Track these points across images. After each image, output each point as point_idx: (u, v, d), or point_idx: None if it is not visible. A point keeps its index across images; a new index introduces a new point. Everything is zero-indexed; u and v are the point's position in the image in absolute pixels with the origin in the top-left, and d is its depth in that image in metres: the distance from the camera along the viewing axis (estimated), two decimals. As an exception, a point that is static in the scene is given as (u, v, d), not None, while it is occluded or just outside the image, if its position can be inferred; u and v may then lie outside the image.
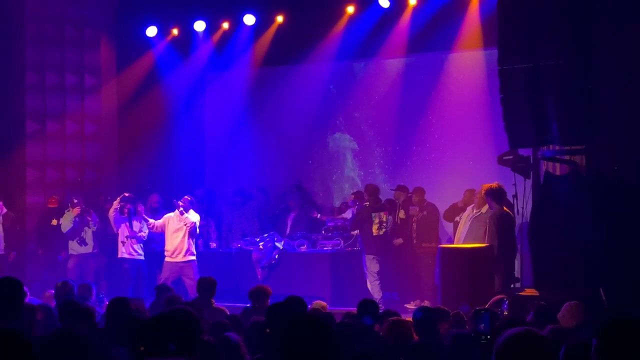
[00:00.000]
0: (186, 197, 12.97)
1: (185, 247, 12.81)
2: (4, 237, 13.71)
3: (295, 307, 6.36)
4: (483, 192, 11.13)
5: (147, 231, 13.36)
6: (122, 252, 13.32)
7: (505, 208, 10.87)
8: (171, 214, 12.94)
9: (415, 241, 13.21)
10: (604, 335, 3.19)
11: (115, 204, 13.26)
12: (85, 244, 13.70)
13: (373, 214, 12.98)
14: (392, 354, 5.49)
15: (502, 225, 10.64)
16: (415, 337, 6.26)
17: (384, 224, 13.00)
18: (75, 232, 13.64)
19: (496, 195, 10.82)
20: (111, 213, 13.28)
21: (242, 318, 7.51)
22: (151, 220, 13.01)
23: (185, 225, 12.73)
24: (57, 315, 6.82)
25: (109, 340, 5.67)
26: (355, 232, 13.32)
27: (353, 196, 13.69)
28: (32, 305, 7.26)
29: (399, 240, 13.27)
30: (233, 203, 14.73)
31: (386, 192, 14.14)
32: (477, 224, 11.56)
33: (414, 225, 13.22)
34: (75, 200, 13.71)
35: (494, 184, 10.91)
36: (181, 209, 12.74)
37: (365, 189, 13.46)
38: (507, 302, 7.99)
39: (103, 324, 6.67)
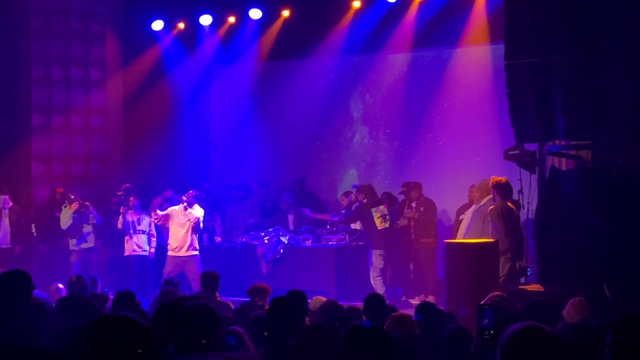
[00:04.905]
0: (191, 191, 12.97)
1: (188, 242, 12.83)
2: (9, 230, 13.69)
3: (296, 301, 6.36)
4: (490, 184, 11.11)
5: (148, 224, 13.33)
6: (127, 247, 13.32)
7: (509, 204, 10.82)
8: (176, 207, 12.94)
9: (413, 237, 13.21)
10: (618, 332, 3.16)
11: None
12: (86, 241, 13.63)
13: (372, 209, 12.97)
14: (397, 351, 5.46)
15: (504, 218, 10.60)
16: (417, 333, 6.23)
17: (387, 216, 12.99)
18: (75, 228, 13.56)
19: (502, 190, 10.79)
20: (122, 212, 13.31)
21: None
22: (159, 212, 12.95)
23: (189, 220, 12.73)
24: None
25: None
26: (359, 227, 13.31)
27: (352, 195, 13.60)
28: (43, 299, 7.27)
29: (404, 221, 13.25)
30: (235, 197, 14.73)
31: (393, 186, 14.14)
32: (477, 217, 11.57)
33: (411, 221, 13.22)
34: (72, 196, 13.62)
35: (503, 178, 10.90)
36: (185, 204, 12.74)
37: (360, 190, 13.37)
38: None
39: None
